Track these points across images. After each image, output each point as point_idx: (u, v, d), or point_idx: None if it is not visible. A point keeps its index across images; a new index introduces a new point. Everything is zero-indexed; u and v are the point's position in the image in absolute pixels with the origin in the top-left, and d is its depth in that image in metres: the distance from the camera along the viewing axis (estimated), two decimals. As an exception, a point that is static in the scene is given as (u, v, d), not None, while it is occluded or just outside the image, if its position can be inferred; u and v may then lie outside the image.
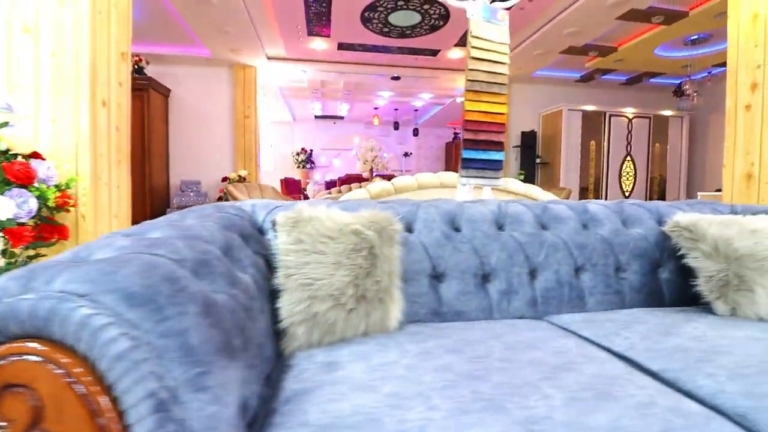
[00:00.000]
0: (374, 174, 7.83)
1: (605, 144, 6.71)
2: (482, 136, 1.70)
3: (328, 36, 5.14)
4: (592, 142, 6.72)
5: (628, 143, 6.81)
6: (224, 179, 5.77)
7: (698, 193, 3.81)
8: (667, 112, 6.91)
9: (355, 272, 0.92)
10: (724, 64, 6.02)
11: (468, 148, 1.70)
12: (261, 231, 1.14)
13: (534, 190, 2.56)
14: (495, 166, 1.75)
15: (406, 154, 12.30)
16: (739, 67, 2.64)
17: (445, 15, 4.49)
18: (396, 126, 10.96)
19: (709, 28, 4.64)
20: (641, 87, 7.17)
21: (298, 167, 11.10)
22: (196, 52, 5.55)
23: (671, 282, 1.34)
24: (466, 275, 1.19)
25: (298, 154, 11.14)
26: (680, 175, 7.06)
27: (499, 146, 1.75)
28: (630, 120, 6.78)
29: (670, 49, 5.50)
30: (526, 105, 7.07)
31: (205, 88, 6.02)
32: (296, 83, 7.45)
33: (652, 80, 6.85)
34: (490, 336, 0.93)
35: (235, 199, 4.24)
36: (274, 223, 1.01)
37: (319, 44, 5.48)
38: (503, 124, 1.74)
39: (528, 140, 6.97)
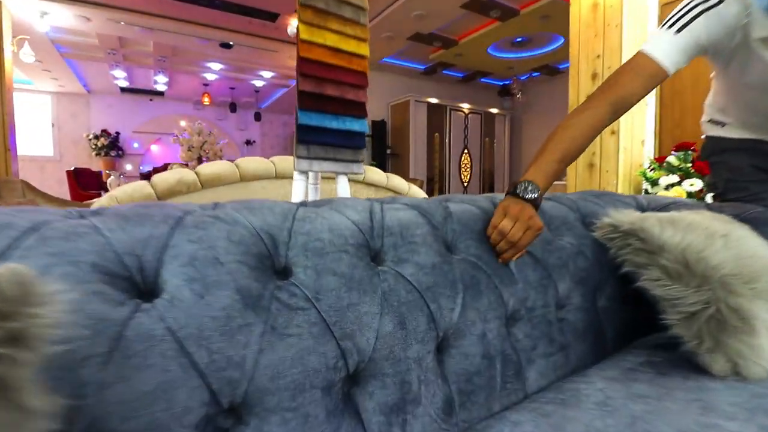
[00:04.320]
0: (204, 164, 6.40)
1: (447, 137, 6.97)
2: (330, 91, 0.99)
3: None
4: (436, 135, 6.88)
5: (465, 137, 7.24)
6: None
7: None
8: (494, 110, 7.61)
9: None
10: (540, 69, 6.83)
11: (307, 109, 0.97)
12: None
13: (398, 182, 2.02)
14: (354, 142, 1.08)
15: (248, 143, 10.85)
16: (580, 57, 2.64)
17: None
18: (233, 108, 9.46)
19: (534, 30, 5.04)
20: (475, 84, 7.73)
21: (98, 155, 8.52)
22: None
23: (609, 312, 0.91)
24: (305, 393, 0.47)
25: (96, 137, 8.53)
26: (504, 168, 7.92)
27: (360, 110, 1.09)
28: (466, 115, 7.21)
29: (500, 50, 5.90)
30: (375, 94, 6.77)
31: None
32: (80, 37, 5.42)
33: (483, 79, 7.42)
34: None
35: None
36: None
37: (102, -21, 3.90)
38: (365, 73, 1.08)
39: (379, 130, 6.71)
